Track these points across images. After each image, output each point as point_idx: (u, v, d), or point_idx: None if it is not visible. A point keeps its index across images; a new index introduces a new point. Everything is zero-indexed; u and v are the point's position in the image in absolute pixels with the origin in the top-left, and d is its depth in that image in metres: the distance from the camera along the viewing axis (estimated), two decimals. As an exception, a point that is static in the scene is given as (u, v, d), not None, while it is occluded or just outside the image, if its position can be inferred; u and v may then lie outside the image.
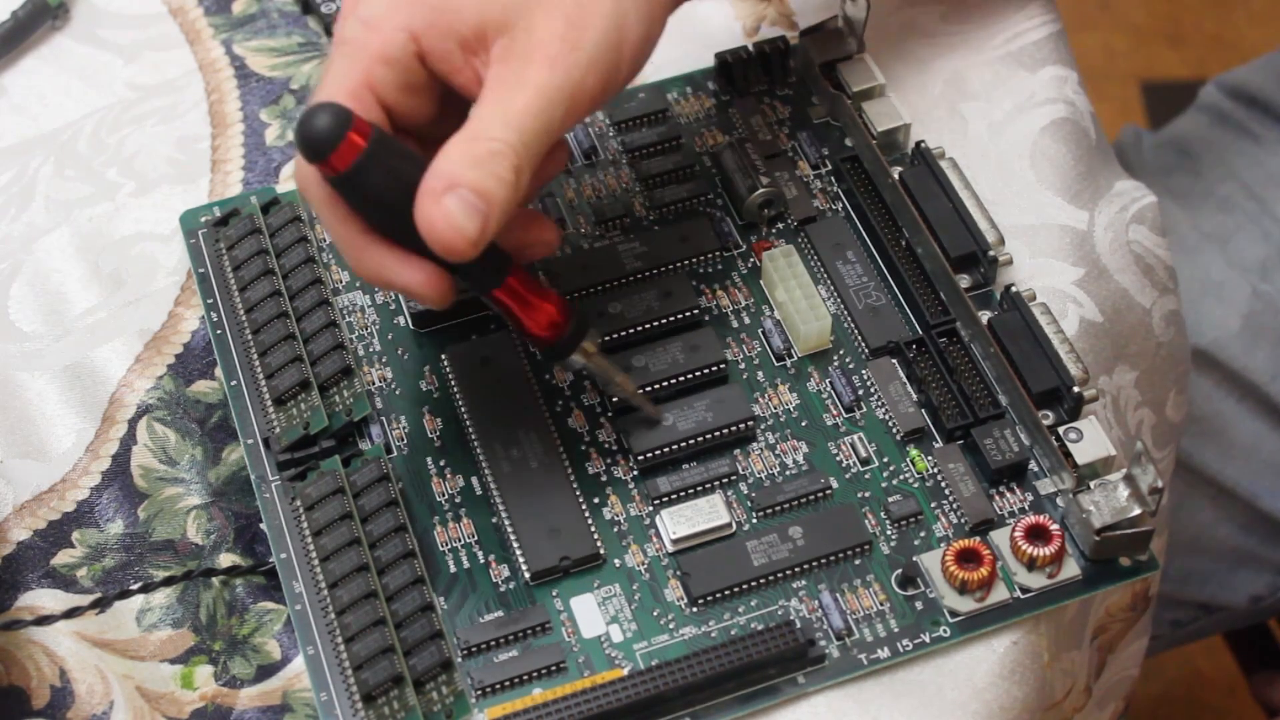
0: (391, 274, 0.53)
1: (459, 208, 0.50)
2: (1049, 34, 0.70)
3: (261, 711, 0.56)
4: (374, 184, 0.51)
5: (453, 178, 0.50)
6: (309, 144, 0.50)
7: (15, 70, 0.71)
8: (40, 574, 0.58)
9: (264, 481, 0.58)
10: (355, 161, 0.50)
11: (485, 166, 0.50)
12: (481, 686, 0.54)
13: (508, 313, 0.55)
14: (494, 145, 0.50)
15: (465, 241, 0.50)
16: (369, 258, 0.53)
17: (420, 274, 0.52)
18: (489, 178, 0.50)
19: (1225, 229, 0.87)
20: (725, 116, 0.68)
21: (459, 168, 0.50)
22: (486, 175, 0.50)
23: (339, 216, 0.53)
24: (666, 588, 0.56)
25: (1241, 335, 0.84)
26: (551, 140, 0.52)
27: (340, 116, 0.50)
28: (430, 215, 0.50)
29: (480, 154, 0.50)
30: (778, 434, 0.59)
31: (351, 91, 0.52)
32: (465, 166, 0.50)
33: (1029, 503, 0.58)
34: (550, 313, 0.55)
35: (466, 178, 0.50)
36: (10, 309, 0.64)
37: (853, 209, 0.65)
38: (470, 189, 0.50)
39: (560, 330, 0.56)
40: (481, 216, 0.50)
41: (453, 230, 0.50)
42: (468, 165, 0.50)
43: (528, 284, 0.55)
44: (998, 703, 0.55)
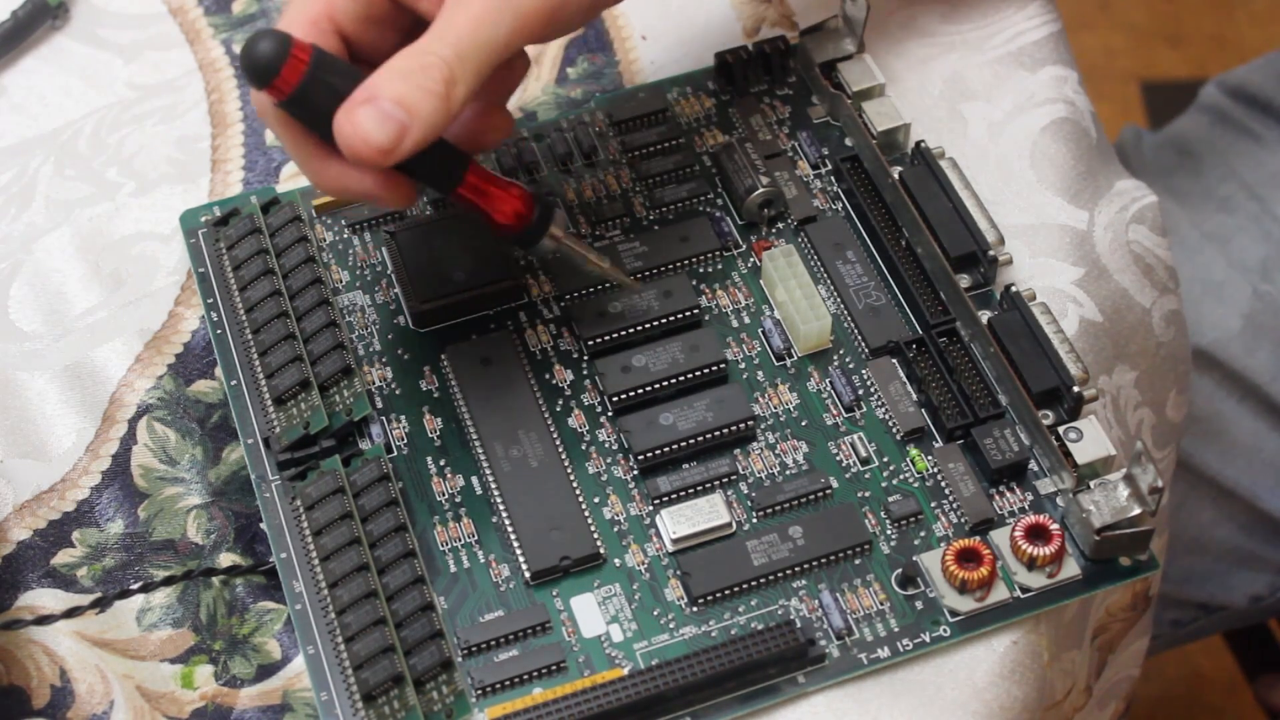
0: (351, 182, 0.54)
1: (371, 118, 0.51)
2: (1049, 34, 0.70)
3: (262, 711, 0.56)
4: (319, 102, 0.52)
5: (374, 90, 0.51)
6: (252, 72, 0.52)
7: (15, 70, 0.71)
8: (40, 574, 0.58)
9: (264, 481, 0.58)
10: (298, 83, 0.52)
11: (412, 79, 0.51)
12: (482, 686, 0.54)
13: (472, 208, 0.57)
14: (426, 59, 0.51)
15: (374, 151, 0.51)
16: (327, 171, 0.54)
17: (376, 180, 0.54)
18: (414, 90, 0.51)
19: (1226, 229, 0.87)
20: (725, 116, 0.68)
21: (384, 80, 0.51)
22: (412, 88, 0.51)
23: (294, 137, 0.54)
24: (667, 587, 0.56)
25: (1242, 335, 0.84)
26: (495, 57, 0.53)
27: (279, 42, 0.52)
28: (341, 125, 0.51)
29: (410, 67, 0.51)
30: (778, 434, 0.59)
31: (312, 21, 0.54)
32: (391, 79, 0.51)
33: (1029, 502, 0.58)
34: (514, 203, 0.57)
35: (388, 89, 0.51)
36: (10, 309, 0.64)
37: (853, 209, 0.65)
38: (391, 100, 0.51)
39: (526, 219, 0.57)
40: (398, 126, 0.51)
41: (360, 140, 0.51)
42: (394, 78, 0.51)
43: (487, 178, 0.57)
44: (998, 702, 0.55)
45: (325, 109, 0.52)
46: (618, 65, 0.71)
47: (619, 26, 0.72)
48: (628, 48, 0.71)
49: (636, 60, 0.71)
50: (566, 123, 0.67)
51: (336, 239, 0.64)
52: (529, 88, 0.70)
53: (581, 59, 0.71)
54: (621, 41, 0.71)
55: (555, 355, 0.61)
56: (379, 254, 0.64)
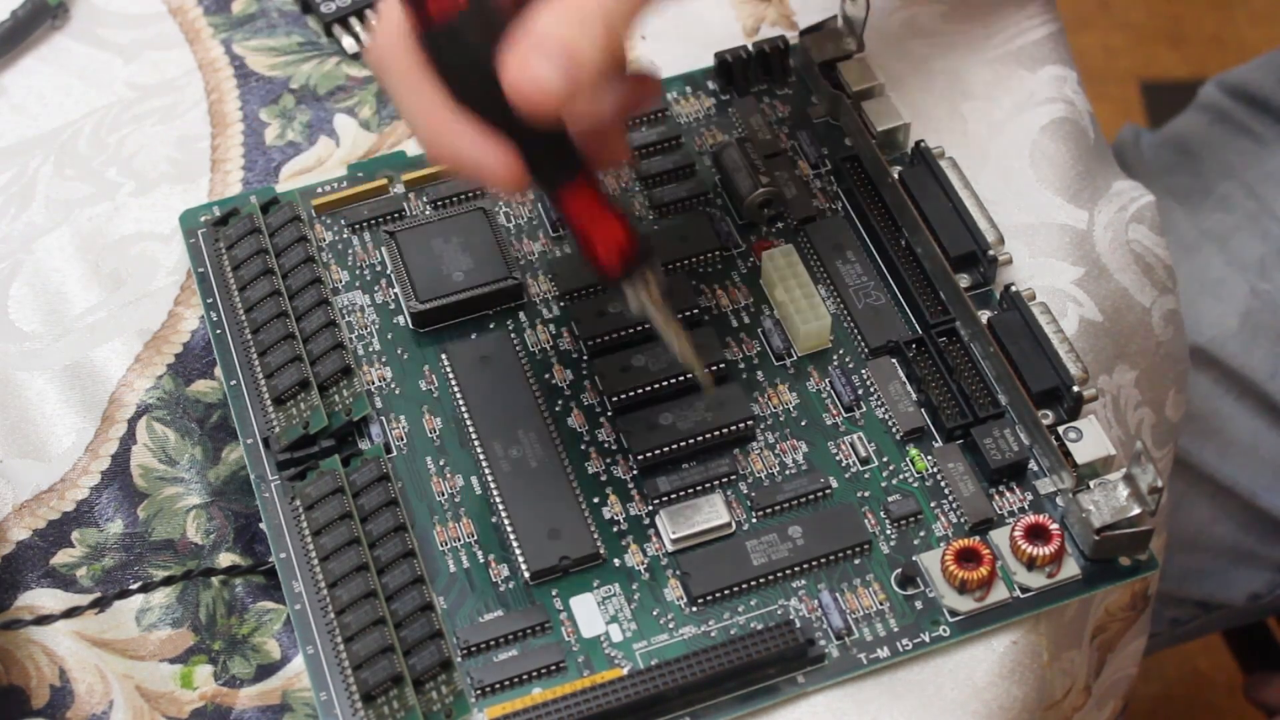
0: (467, 150, 0.51)
1: (544, 60, 0.48)
2: (1049, 33, 0.70)
3: (261, 711, 0.56)
4: (470, 41, 0.50)
5: (541, 31, 0.49)
6: None
7: (15, 70, 0.71)
8: (40, 573, 0.58)
9: (263, 481, 0.58)
10: (452, 10, 0.49)
11: (576, 22, 0.49)
12: (481, 686, 0.54)
13: (573, 219, 0.54)
14: (585, 5, 0.49)
15: (547, 95, 0.48)
16: (447, 131, 0.51)
17: (498, 154, 0.51)
18: (580, 34, 0.49)
19: (1224, 227, 0.87)
20: (725, 116, 0.68)
21: (546, 21, 0.49)
22: (576, 33, 0.49)
23: (419, 81, 0.51)
24: (666, 587, 0.56)
25: (1240, 333, 0.84)
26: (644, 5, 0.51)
27: None
28: (512, 68, 0.49)
29: (569, 11, 0.49)
30: (777, 434, 0.59)
31: None
32: (555, 22, 0.49)
33: (1028, 502, 0.58)
34: (616, 233, 0.54)
35: (554, 30, 0.49)
36: (10, 309, 0.64)
37: (852, 209, 0.65)
38: (558, 42, 0.49)
39: (624, 257, 0.54)
40: (566, 70, 0.49)
41: (535, 85, 0.48)
42: (557, 20, 0.49)
43: (599, 197, 0.54)
44: (997, 702, 0.55)
45: (469, 50, 0.49)
46: (617, 65, 0.71)
47: (618, 26, 0.72)
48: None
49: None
50: (566, 122, 0.67)
51: (336, 239, 0.64)
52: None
53: (581, 59, 0.71)
54: (621, 41, 0.71)
55: (555, 355, 0.61)
56: (378, 254, 0.64)
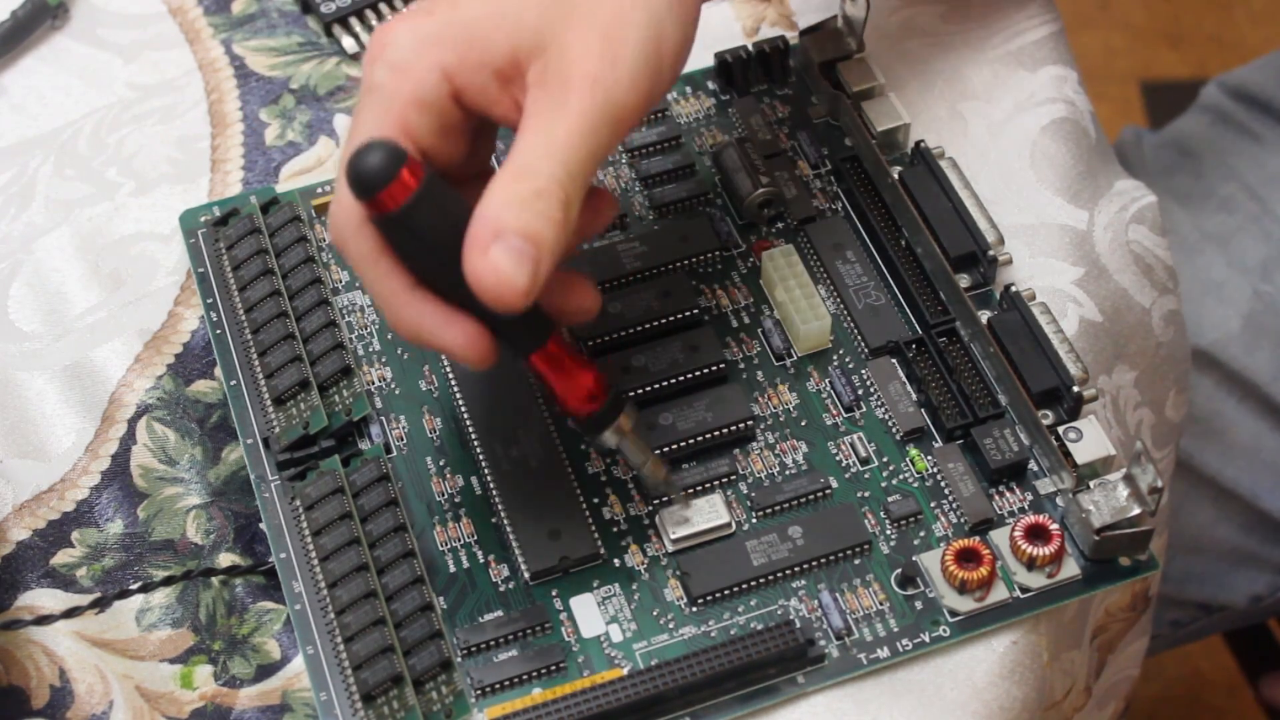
0: (432, 331, 0.50)
1: (507, 257, 0.47)
2: (1049, 33, 0.70)
3: (261, 711, 0.56)
4: (423, 226, 0.49)
5: (499, 223, 0.48)
6: (361, 180, 0.48)
7: (15, 70, 0.71)
8: (40, 574, 0.58)
9: (263, 481, 0.58)
10: (407, 201, 0.48)
11: (532, 207, 0.48)
12: (481, 686, 0.54)
13: (544, 380, 0.54)
14: (539, 183, 0.48)
15: (515, 293, 0.48)
16: (410, 312, 0.50)
17: (463, 333, 0.50)
18: (536, 219, 0.48)
19: (1226, 229, 0.87)
20: (725, 116, 0.68)
21: (505, 211, 0.48)
22: (534, 216, 0.48)
23: (377, 264, 0.50)
24: (666, 587, 0.56)
25: (1242, 335, 0.84)
26: (598, 164, 0.50)
27: (395, 153, 0.48)
28: (478, 268, 0.48)
29: (526, 194, 0.48)
30: (777, 434, 0.59)
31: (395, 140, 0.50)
32: (512, 210, 0.48)
33: (1028, 502, 0.58)
34: (589, 383, 0.54)
35: (514, 222, 0.48)
36: (10, 309, 0.64)
37: (852, 209, 0.65)
38: (518, 234, 0.47)
39: (597, 403, 0.54)
40: (531, 263, 0.48)
41: (501, 282, 0.47)
42: (514, 208, 0.48)
43: (568, 350, 0.54)
44: (997, 702, 0.55)
45: (427, 235, 0.49)
46: (617, 65, 0.70)
47: (619, 26, 0.72)
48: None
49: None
50: (566, 123, 0.67)
51: (336, 239, 0.64)
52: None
53: (581, 59, 0.71)
54: (621, 41, 0.71)
55: (555, 355, 0.61)
56: (378, 254, 0.64)
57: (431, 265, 0.50)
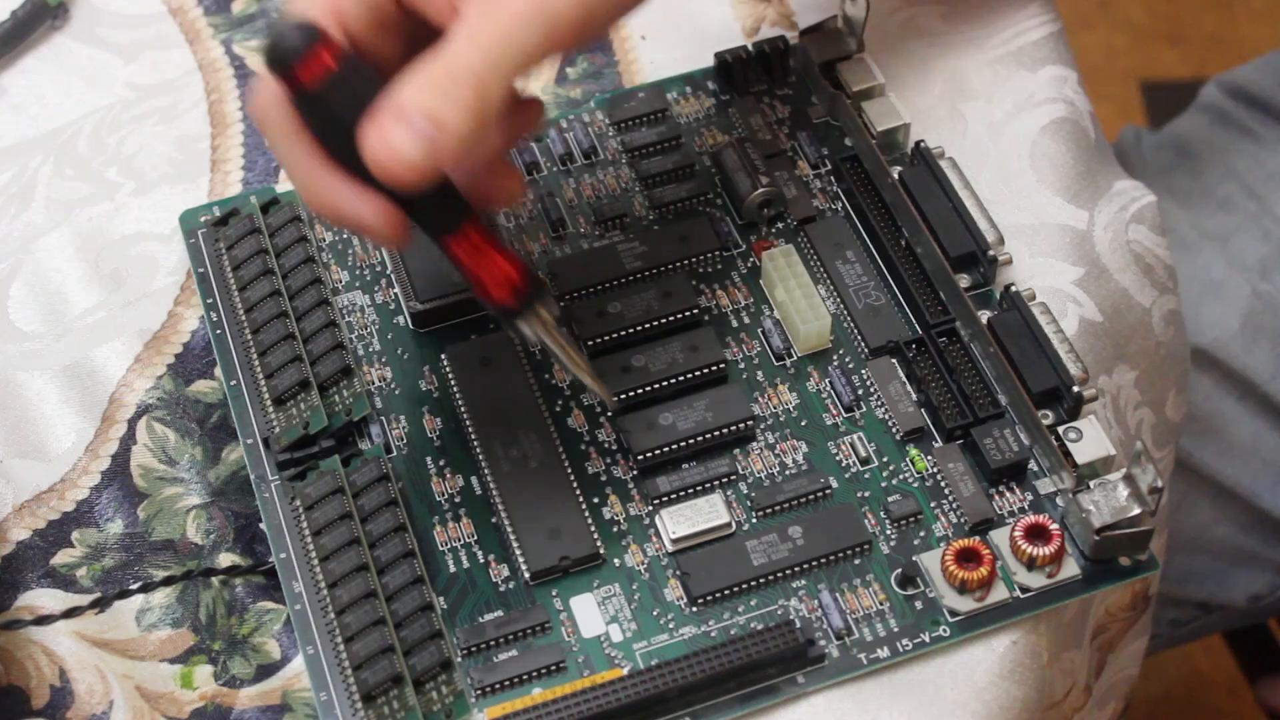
0: (344, 205, 0.50)
1: (403, 133, 0.47)
2: (1049, 34, 0.70)
3: (261, 711, 0.56)
4: (337, 105, 0.49)
5: (402, 101, 0.48)
6: (278, 53, 0.48)
7: (15, 70, 0.71)
8: (40, 574, 0.58)
9: (263, 481, 0.58)
10: (322, 77, 0.49)
11: (443, 91, 0.48)
12: (481, 686, 0.54)
13: (462, 266, 0.54)
14: (455, 69, 0.48)
15: (407, 169, 0.47)
16: (322, 186, 0.50)
17: (371, 207, 0.50)
18: (445, 102, 0.47)
19: (1225, 228, 0.87)
20: (725, 116, 0.68)
21: (413, 91, 0.48)
22: (442, 99, 0.47)
23: (295, 141, 0.51)
24: (666, 587, 0.56)
25: (1241, 335, 0.84)
26: (527, 66, 0.49)
27: (313, 31, 0.49)
28: (370, 139, 0.48)
29: (439, 78, 0.48)
30: (777, 434, 0.59)
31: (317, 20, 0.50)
32: (420, 91, 0.48)
33: (1029, 502, 0.58)
34: (509, 270, 0.53)
35: (419, 102, 0.47)
36: (10, 309, 0.64)
37: (852, 209, 0.65)
38: (420, 113, 0.47)
39: (518, 293, 0.54)
40: (429, 144, 0.47)
41: (391, 155, 0.47)
42: (423, 90, 0.48)
43: (487, 238, 0.53)
44: (997, 702, 0.55)
45: (341, 114, 0.49)
46: (617, 65, 0.71)
47: (619, 26, 0.72)
48: (627, 48, 0.71)
49: (636, 60, 0.71)
50: (566, 122, 0.67)
51: (336, 239, 0.64)
52: (528, 88, 0.70)
53: (581, 59, 0.71)
54: (621, 41, 0.71)
55: (555, 355, 0.61)
56: (378, 254, 0.64)
57: (346, 145, 0.49)
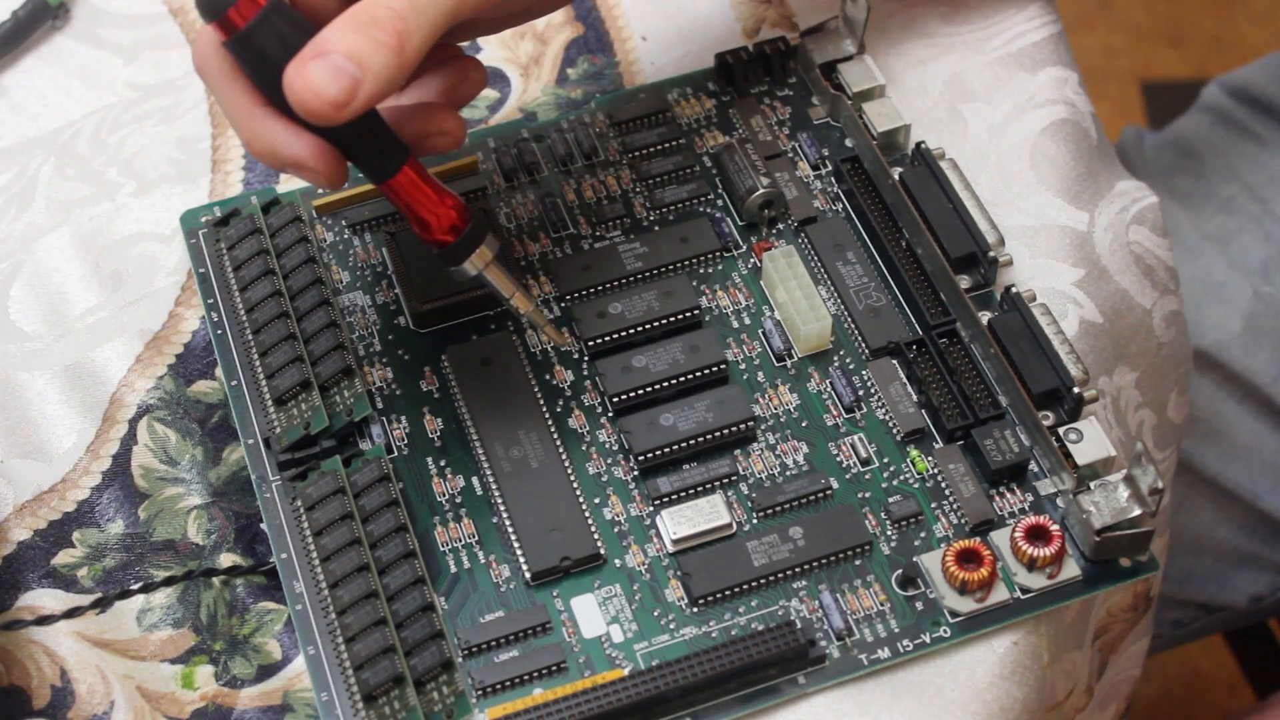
0: (281, 145, 0.52)
1: (323, 71, 0.49)
2: (1049, 35, 0.70)
3: (262, 711, 0.56)
4: (268, 47, 0.51)
5: (325, 43, 0.50)
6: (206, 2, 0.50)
7: (15, 70, 0.71)
8: (41, 574, 0.58)
9: (264, 481, 0.58)
10: (252, 20, 0.50)
11: (364, 32, 0.49)
12: (482, 686, 0.54)
13: (404, 207, 0.55)
14: (378, 11, 0.50)
15: (325, 104, 0.49)
16: (260, 128, 0.52)
17: (308, 147, 0.52)
18: (366, 43, 0.49)
19: (1227, 230, 0.87)
20: (725, 117, 0.68)
21: (335, 33, 0.50)
22: (363, 40, 0.49)
23: (232, 85, 0.52)
24: (667, 588, 0.56)
25: (1243, 336, 0.84)
26: (451, 14, 0.51)
27: None
28: (292, 78, 0.49)
29: (361, 19, 0.50)
30: (778, 434, 0.59)
31: None
32: (342, 32, 0.50)
33: (1029, 503, 0.58)
34: (447, 211, 0.55)
35: (340, 43, 0.49)
36: (10, 309, 0.64)
37: (853, 210, 0.65)
38: (343, 53, 0.49)
39: (458, 231, 0.55)
40: (350, 80, 0.49)
41: (311, 92, 0.49)
42: (345, 30, 0.50)
43: (425, 177, 0.55)
44: (998, 703, 0.55)
45: (272, 57, 0.51)
46: (618, 66, 0.71)
47: (619, 27, 0.72)
48: (628, 48, 0.71)
49: (637, 61, 0.71)
50: (567, 123, 0.67)
51: (337, 239, 0.64)
52: (529, 88, 0.70)
53: (581, 59, 0.71)
54: (622, 42, 0.71)
55: (555, 356, 0.61)
56: (379, 254, 0.64)
57: (276, 86, 0.51)
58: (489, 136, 0.67)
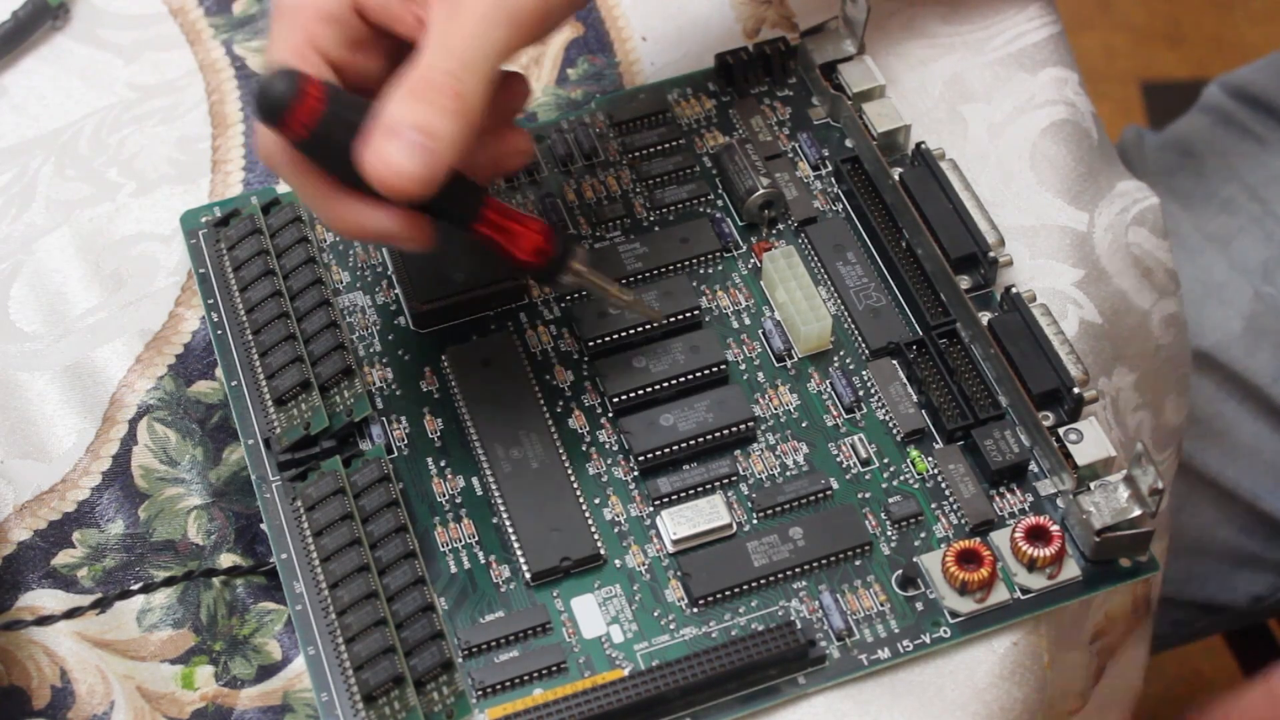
0: (368, 223, 0.53)
1: (399, 149, 0.49)
2: (1049, 35, 0.70)
3: (262, 712, 0.56)
4: (335, 139, 0.51)
5: (392, 119, 0.50)
6: (269, 110, 0.50)
7: (15, 70, 0.71)
8: (41, 574, 0.58)
9: (264, 482, 0.58)
10: (315, 121, 0.50)
11: (426, 100, 0.50)
12: (482, 687, 0.54)
13: (492, 245, 0.55)
14: (433, 77, 0.50)
15: (410, 181, 0.50)
16: (343, 211, 0.53)
17: (394, 219, 0.52)
18: (430, 112, 0.50)
19: (1228, 230, 0.87)
20: (725, 117, 0.68)
21: (398, 107, 0.50)
22: (428, 110, 0.50)
23: (308, 178, 0.53)
24: (667, 588, 0.56)
25: (1243, 337, 0.84)
26: (498, 61, 0.52)
27: (295, 78, 0.50)
28: (369, 161, 0.50)
29: (419, 88, 0.50)
30: (778, 435, 0.59)
31: (296, 52, 0.52)
32: (405, 104, 0.50)
33: (1029, 504, 0.58)
34: (534, 239, 0.55)
35: (407, 116, 0.50)
36: (11, 309, 0.64)
37: (853, 210, 0.65)
38: (412, 126, 0.50)
39: (547, 254, 0.56)
40: (427, 153, 0.50)
41: (393, 174, 0.50)
42: (407, 103, 0.50)
43: (505, 213, 0.55)
44: (998, 703, 0.55)
45: (342, 145, 0.51)
46: (618, 66, 0.71)
47: (619, 28, 0.72)
48: (628, 49, 0.71)
49: (637, 61, 0.71)
50: (567, 124, 0.67)
51: (337, 239, 0.64)
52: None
53: (582, 60, 0.71)
54: (622, 43, 0.71)
55: (556, 356, 0.61)
56: (379, 255, 0.64)
57: (350, 171, 0.51)
58: (489, 137, 0.67)
